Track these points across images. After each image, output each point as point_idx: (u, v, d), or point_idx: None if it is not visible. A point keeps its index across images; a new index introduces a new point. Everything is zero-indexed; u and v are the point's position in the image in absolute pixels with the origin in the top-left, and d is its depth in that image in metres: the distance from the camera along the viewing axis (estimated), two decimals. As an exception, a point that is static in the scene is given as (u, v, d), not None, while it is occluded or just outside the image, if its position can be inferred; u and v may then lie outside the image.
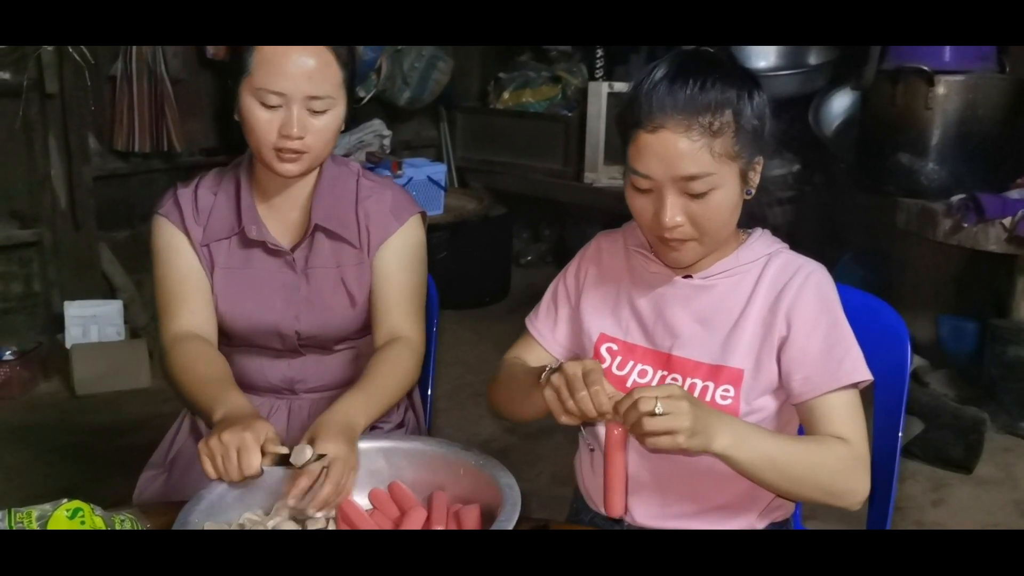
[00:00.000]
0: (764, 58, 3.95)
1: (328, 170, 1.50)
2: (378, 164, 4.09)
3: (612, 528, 1.33)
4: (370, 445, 1.28)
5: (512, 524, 1.06)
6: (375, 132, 4.37)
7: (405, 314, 1.49)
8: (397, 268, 1.50)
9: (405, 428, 1.62)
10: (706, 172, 1.14)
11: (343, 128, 1.44)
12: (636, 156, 1.17)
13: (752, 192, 1.22)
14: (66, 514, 1.05)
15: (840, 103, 3.98)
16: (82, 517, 1.05)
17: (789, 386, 1.21)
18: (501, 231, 4.60)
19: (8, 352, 3.35)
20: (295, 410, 1.56)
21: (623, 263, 1.35)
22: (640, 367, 1.28)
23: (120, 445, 2.89)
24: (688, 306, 1.27)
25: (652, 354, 1.28)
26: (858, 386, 1.20)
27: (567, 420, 1.11)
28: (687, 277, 1.28)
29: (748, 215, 1.26)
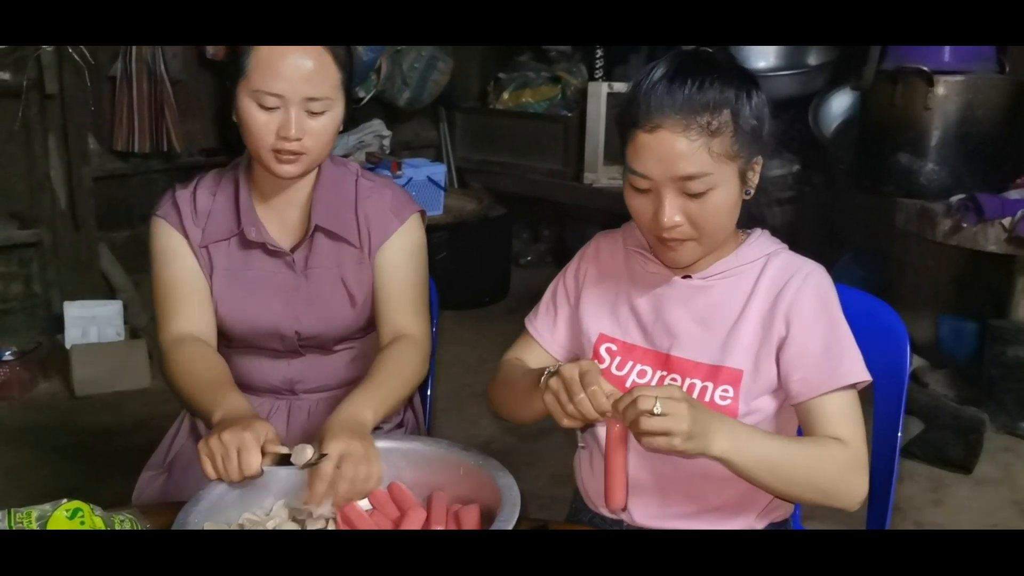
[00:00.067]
0: (764, 58, 3.95)
1: (327, 171, 1.50)
2: (378, 164, 4.09)
3: (612, 528, 1.33)
4: (370, 445, 1.27)
5: (511, 524, 1.06)
6: (375, 132, 4.37)
7: (409, 312, 1.49)
8: (399, 266, 1.50)
9: (404, 428, 1.62)
10: (704, 172, 1.14)
11: (341, 129, 1.44)
12: (634, 156, 1.17)
13: (751, 192, 1.22)
14: (66, 514, 1.05)
15: (840, 103, 3.98)
16: (82, 517, 1.05)
17: (788, 387, 1.21)
18: (501, 231, 4.60)
19: (8, 352, 3.35)
20: (295, 411, 1.56)
21: (622, 263, 1.35)
22: (639, 367, 1.28)
23: (120, 445, 2.89)
24: (687, 306, 1.27)
25: (651, 354, 1.28)
26: (856, 387, 1.20)
27: (569, 423, 1.11)
28: (686, 277, 1.28)
29: (747, 215, 1.26)
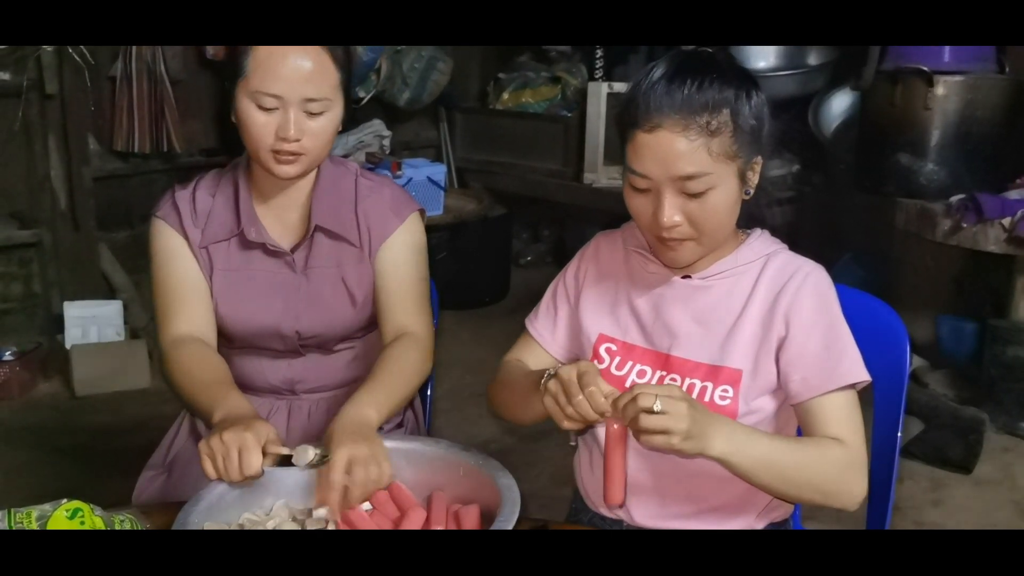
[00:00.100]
0: (764, 58, 3.95)
1: (326, 170, 1.50)
2: (378, 165, 4.09)
3: (611, 528, 1.33)
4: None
5: (511, 525, 1.06)
6: (375, 133, 4.37)
7: (410, 309, 1.49)
8: (400, 264, 1.50)
9: (404, 428, 1.62)
10: (703, 172, 1.14)
11: (340, 129, 1.44)
12: (634, 156, 1.17)
13: (751, 192, 1.22)
14: (66, 514, 1.05)
15: (839, 103, 3.98)
16: (82, 517, 1.05)
17: (787, 387, 1.21)
18: (501, 232, 4.60)
19: (8, 352, 3.35)
20: (295, 411, 1.56)
21: (622, 263, 1.35)
22: (639, 367, 1.28)
23: (119, 445, 2.89)
24: (687, 306, 1.27)
25: (651, 354, 1.28)
26: (856, 387, 1.20)
27: (569, 425, 1.11)
28: (686, 277, 1.28)
29: (747, 215, 1.26)
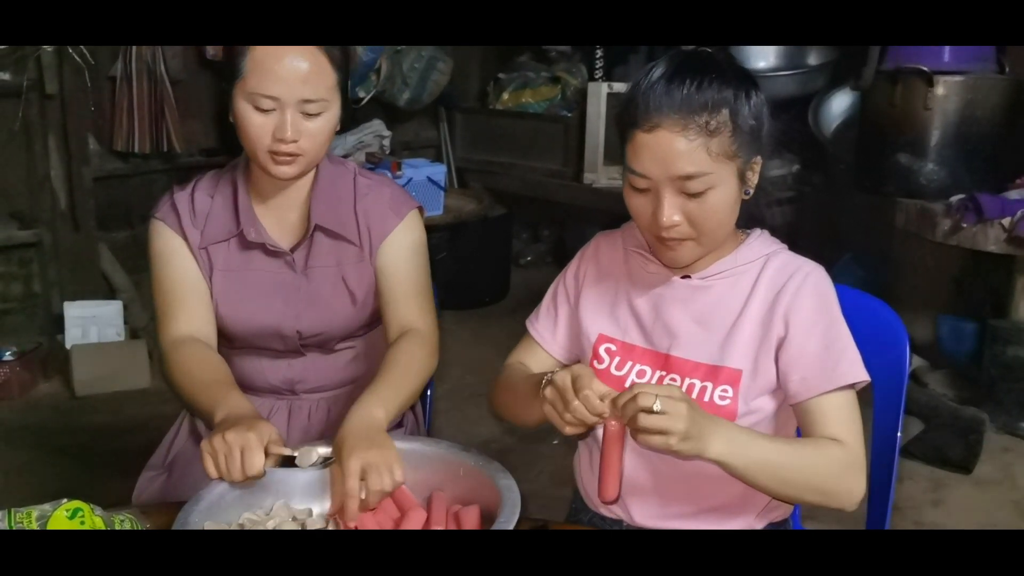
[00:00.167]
0: (764, 58, 3.96)
1: (325, 170, 1.50)
2: (378, 165, 4.09)
3: (611, 528, 1.33)
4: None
5: (512, 525, 1.06)
6: (375, 133, 4.37)
7: (414, 306, 1.49)
8: (401, 262, 1.50)
9: (404, 429, 1.62)
10: (703, 171, 1.14)
11: (338, 129, 1.44)
12: (633, 155, 1.17)
13: (750, 192, 1.22)
14: (66, 514, 1.05)
15: (839, 104, 3.98)
16: (82, 517, 1.05)
17: (786, 387, 1.21)
18: (501, 232, 4.60)
19: (8, 352, 3.35)
20: (295, 411, 1.57)
21: (621, 263, 1.35)
22: (638, 367, 1.28)
23: (119, 446, 2.89)
24: (686, 306, 1.27)
25: (650, 354, 1.28)
26: (855, 387, 1.20)
27: (572, 431, 1.11)
28: (685, 277, 1.28)
29: (747, 216, 1.26)
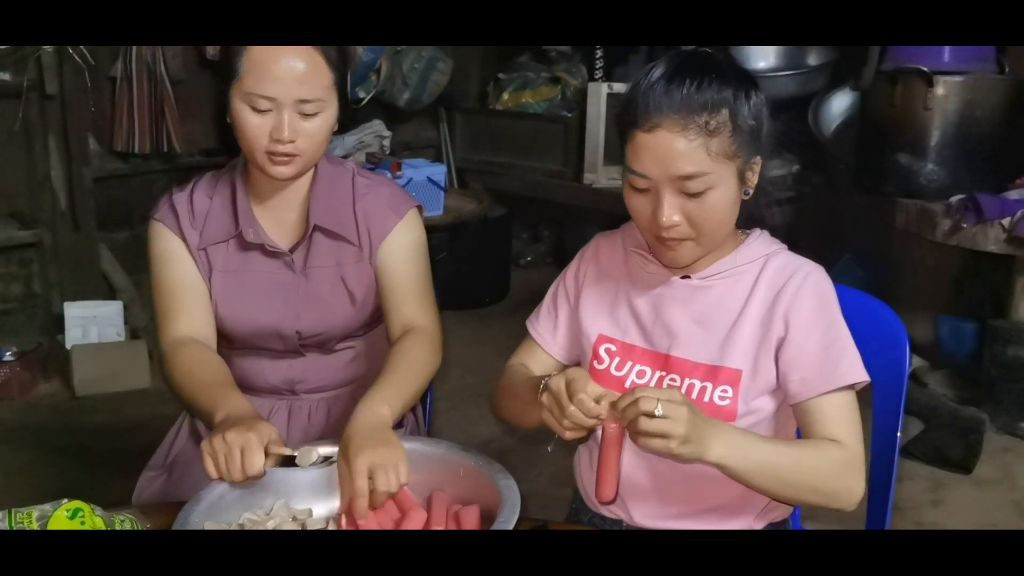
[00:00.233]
0: (763, 59, 3.95)
1: (324, 170, 1.50)
2: (378, 165, 4.09)
3: (611, 528, 1.33)
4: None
5: (512, 525, 1.06)
6: (375, 133, 4.37)
7: (416, 304, 1.49)
8: (402, 260, 1.50)
9: (404, 429, 1.62)
10: (702, 171, 1.14)
11: (336, 129, 1.44)
12: (633, 156, 1.17)
13: (750, 192, 1.22)
14: (66, 514, 1.05)
15: (839, 104, 3.98)
16: (82, 517, 1.05)
17: (786, 387, 1.21)
18: (500, 232, 4.60)
19: (8, 353, 3.35)
20: (295, 411, 1.57)
21: (621, 264, 1.35)
22: (638, 368, 1.28)
23: (120, 446, 2.89)
24: (686, 307, 1.27)
25: (650, 355, 1.28)
26: (855, 387, 1.20)
27: (572, 435, 1.11)
28: (685, 278, 1.28)
29: (747, 216, 1.27)
